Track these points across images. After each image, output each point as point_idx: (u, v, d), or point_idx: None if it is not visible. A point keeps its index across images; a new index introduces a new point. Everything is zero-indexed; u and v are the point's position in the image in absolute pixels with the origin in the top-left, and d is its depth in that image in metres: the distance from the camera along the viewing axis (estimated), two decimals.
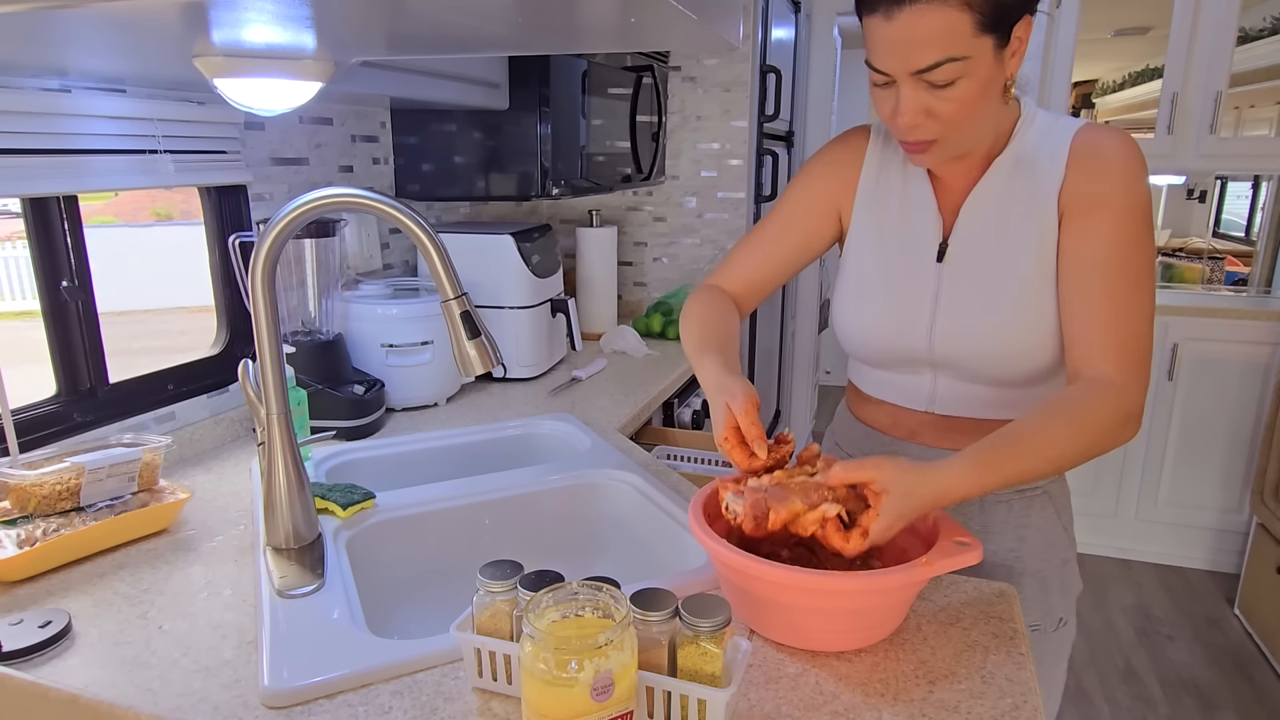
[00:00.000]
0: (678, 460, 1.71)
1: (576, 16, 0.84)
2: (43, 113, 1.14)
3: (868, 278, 1.05)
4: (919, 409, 1.06)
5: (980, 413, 1.03)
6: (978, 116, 0.88)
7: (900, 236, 1.03)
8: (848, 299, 1.07)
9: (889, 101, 0.89)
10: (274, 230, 0.92)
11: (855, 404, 1.17)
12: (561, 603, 0.67)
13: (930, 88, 0.85)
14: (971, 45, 0.82)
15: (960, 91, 0.84)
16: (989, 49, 0.83)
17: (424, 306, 1.62)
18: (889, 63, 0.85)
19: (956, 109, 0.86)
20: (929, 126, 0.88)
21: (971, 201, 0.98)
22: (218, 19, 0.75)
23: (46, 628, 0.85)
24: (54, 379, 1.27)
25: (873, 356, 1.08)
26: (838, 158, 1.09)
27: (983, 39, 0.82)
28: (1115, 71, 5.46)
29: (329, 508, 1.10)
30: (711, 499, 0.91)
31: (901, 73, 0.85)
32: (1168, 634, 2.66)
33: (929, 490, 0.79)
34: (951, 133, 0.89)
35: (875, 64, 0.87)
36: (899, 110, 0.87)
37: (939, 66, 0.83)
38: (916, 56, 0.83)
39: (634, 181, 2.32)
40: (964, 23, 0.81)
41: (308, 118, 1.67)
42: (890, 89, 0.88)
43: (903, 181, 1.04)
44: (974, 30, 0.81)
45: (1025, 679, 0.77)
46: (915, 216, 1.02)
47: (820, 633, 0.81)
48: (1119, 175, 0.91)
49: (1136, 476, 3.04)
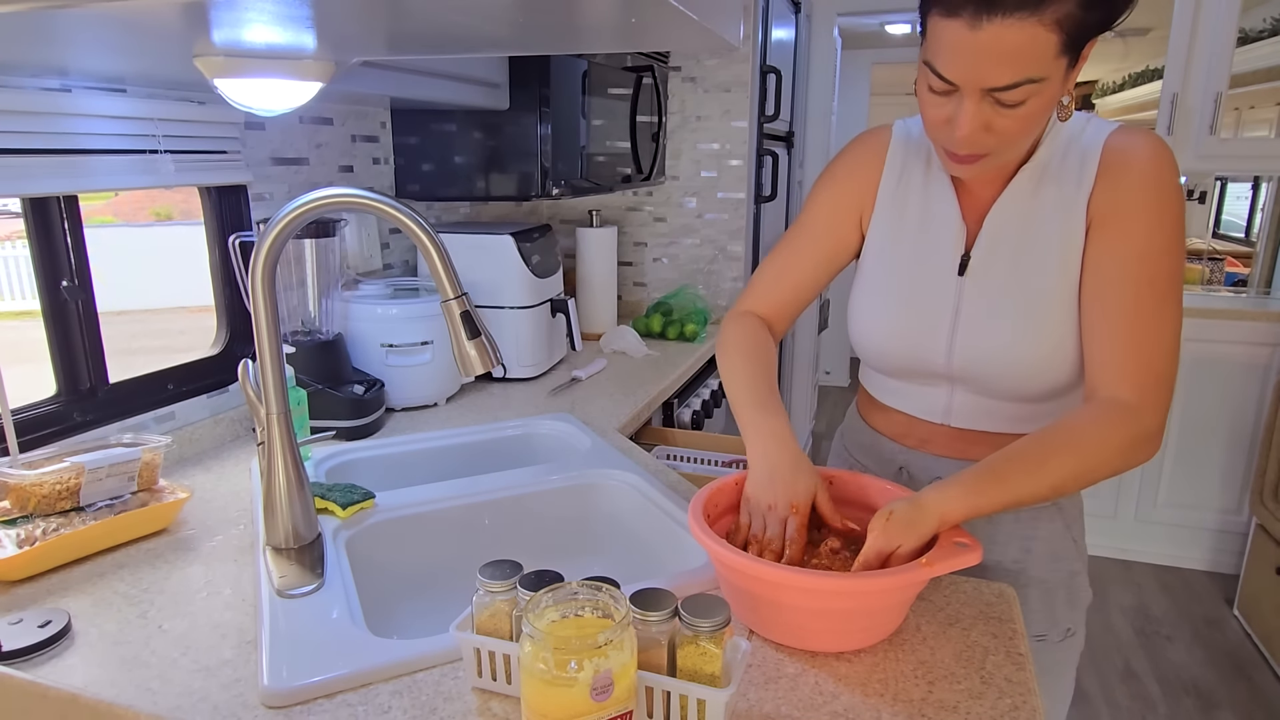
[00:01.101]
0: (677, 460, 1.71)
1: (577, 16, 0.84)
2: (43, 112, 1.14)
3: (886, 286, 1.02)
4: (934, 420, 1.04)
5: (997, 427, 1.00)
6: (1034, 133, 0.86)
7: (920, 244, 1.00)
8: (865, 306, 1.04)
9: (944, 108, 0.83)
10: (274, 230, 0.92)
11: (867, 410, 1.15)
12: (561, 602, 0.67)
13: (998, 105, 0.80)
14: (1051, 66, 0.78)
15: (1027, 110, 0.80)
16: (1063, 69, 0.79)
17: (424, 306, 1.62)
18: (962, 74, 0.79)
19: (1019, 127, 0.82)
20: (984, 142, 0.84)
21: (996, 212, 0.94)
22: (218, 19, 0.75)
23: (46, 627, 0.85)
24: (54, 379, 1.27)
25: (888, 366, 1.05)
26: (859, 160, 1.05)
27: (1061, 60, 0.78)
28: (1115, 72, 5.46)
29: (329, 507, 1.10)
30: (711, 499, 0.91)
31: (973, 86, 0.79)
32: (1167, 634, 2.66)
33: (929, 522, 0.81)
34: (1007, 150, 0.86)
35: (943, 71, 0.80)
36: (958, 123, 0.82)
37: (1016, 87, 0.78)
38: (996, 73, 0.77)
39: (634, 182, 2.32)
40: (1050, 43, 0.76)
41: (308, 118, 1.67)
42: (950, 97, 0.82)
43: (924, 186, 1.00)
44: (1057, 51, 0.77)
45: (1024, 679, 0.77)
46: (937, 224, 0.99)
47: (820, 633, 0.81)
48: (1149, 183, 0.87)
49: (1136, 477, 3.04)
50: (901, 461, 1.09)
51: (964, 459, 1.03)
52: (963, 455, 1.03)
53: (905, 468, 1.08)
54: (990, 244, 0.95)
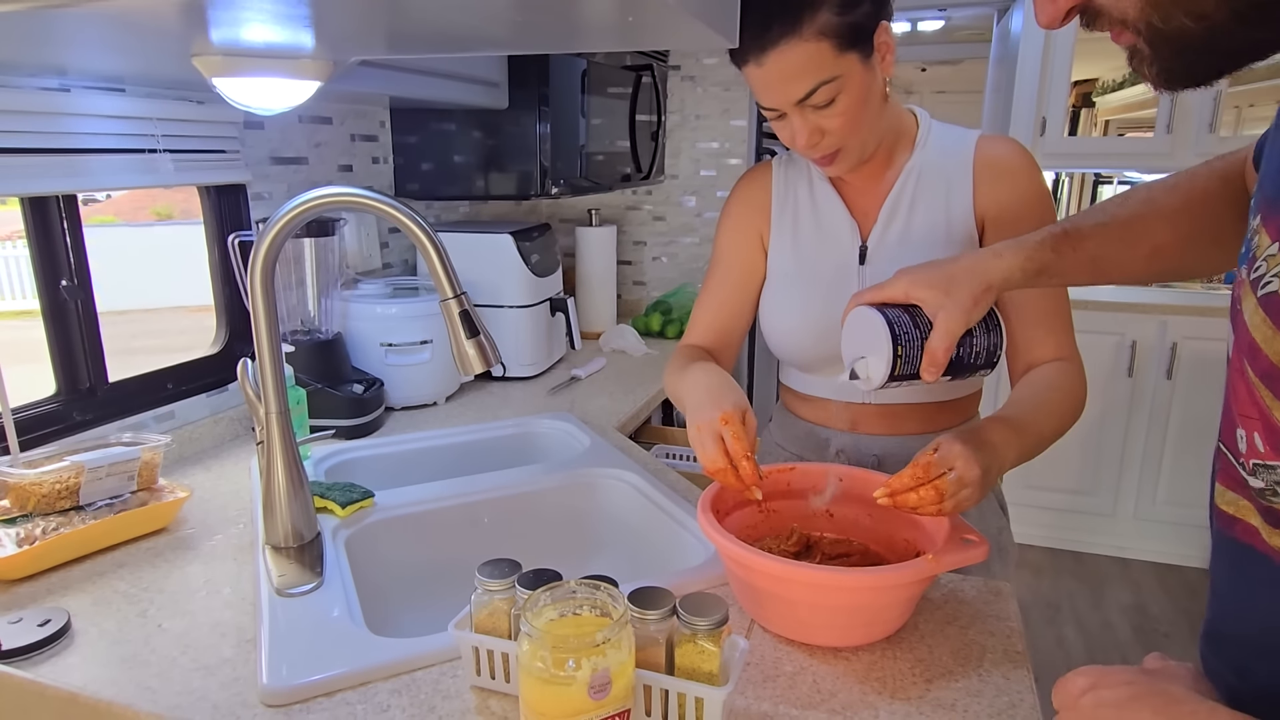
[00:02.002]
0: (676, 459, 1.71)
1: (575, 15, 0.84)
2: (42, 112, 1.14)
3: (793, 286, 1.11)
4: (858, 401, 1.12)
5: (916, 398, 1.09)
6: (868, 120, 0.97)
7: (818, 244, 1.10)
8: (777, 306, 1.12)
9: (786, 129, 0.97)
10: (273, 229, 0.92)
11: (794, 404, 1.21)
12: (559, 601, 0.67)
13: (815, 110, 0.93)
14: (838, 65, 0.90)
15: (842, 105, 0.93)
16: (856, 63, 0.91)
17: (423, 305, 1.62)
18: (772, 100, 0.94)
19: (845, 121, 0.94)
20: (826, 141, 0.97)
21: (887, 207, 1.06)
22: (216, 18, 0.75)
23: (45, 626, 0.85)
24: (54, 378, 1.27)
25: (806, 359, 1.12)
26: (748, 193, 1.16)
27: (847, 56, 0.90)
28: (1115, 71, 5.45)
29: (328, 506, 1.10)
30: (720, 495, 0.91)
31: (785, 105, 0.94)
32: (1165, 632, 2.66)
33: (996, 465, 0.84)
34: (849, 140, 0.97)
35: (761, 102, 0.96)
36: (795, 136, 0.96)
37: (814, 92, 0.91)
38: (792, 90, 0.92)
39: (633, 181, 2.32)
40: (824, 50, 0.89)
41: (307, 117, 1.67)
42: (785, 119, 0.96)
43: (811, 197, 1.11)
44: (835, 53, 0.89)
45: (1022, 677, 0.77)
46: (831, 225, 1.09)
47: (827, 628, 0.81)
48: (1031, 183, 1.02)
49: (1135, 475, 3.04)
50: (837, 445, 1.15)
51: (895, 434, 1.11)
52: (893, 431, 1.11)
53: (841, 450, 1.14)
54: (884, 235, 1.06)
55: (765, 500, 0.94)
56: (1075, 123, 4.55)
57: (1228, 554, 0.59)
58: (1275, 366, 0.50)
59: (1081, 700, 0.54)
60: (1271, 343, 0.50)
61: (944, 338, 0.78)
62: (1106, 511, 3.11)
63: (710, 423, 0.88)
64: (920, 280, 0.80)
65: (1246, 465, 0.54)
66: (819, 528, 0.97)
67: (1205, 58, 0.50)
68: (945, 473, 0.79)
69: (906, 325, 0.79)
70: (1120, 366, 2.96)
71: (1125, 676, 0.55)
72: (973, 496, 0.80)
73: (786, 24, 0.88)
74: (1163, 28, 0.48)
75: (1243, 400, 0.53)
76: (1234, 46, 0.49)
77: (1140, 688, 0.53)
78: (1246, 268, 0.54)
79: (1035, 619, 2.72)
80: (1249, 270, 0.53)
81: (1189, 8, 0.47)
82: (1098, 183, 4.01)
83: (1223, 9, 0.46)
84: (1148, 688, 0.53)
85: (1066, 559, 3.12)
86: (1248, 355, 0.52)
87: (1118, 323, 2.94)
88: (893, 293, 0.81)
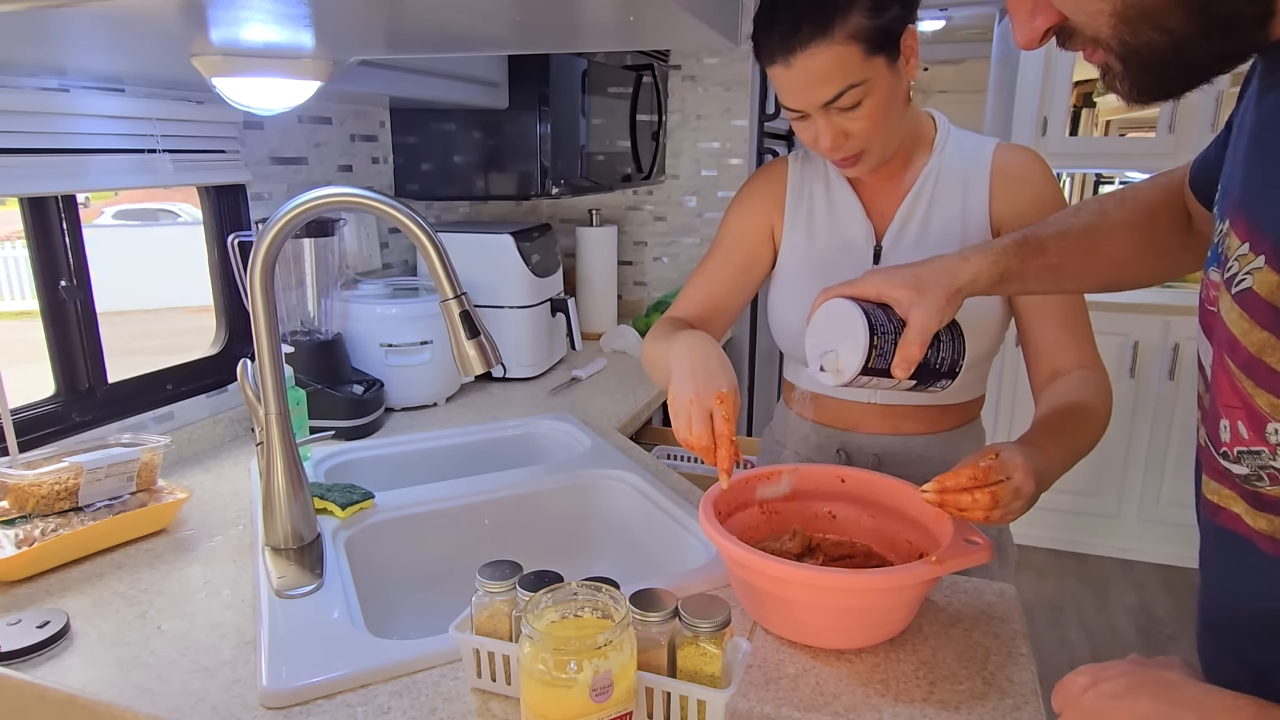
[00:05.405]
0: (677, 460, 1.71)
1: (576, 15, 0.84)
2: (41, 112, 1.13)
3: (806, 279, 1.09)
4: (861, 400, 1.11)
5: (921, 400, 1.08)
6: (891, 123, 0.97)
7: (833, 241, 1.09)
8: (783, 302, 1.12)
9: (809, 131, 0.97)
10: (273, 229, 0.92)
11: (796, 401, 1.20)
12: (561, 603, 0.67)
13: (840, 112, 0.93)
14: (866, 69, 0.90)
15: (868, 109, 0.93)
16: (883, 66, 0.91)
17: (423, 306, 1.62)
18: (798, 102, 0.94)
19: (869, 124, 0.94)
20: (850, 144, 0.96)
21: (904, 209, 1.05)
22: (216, 18, 0.74)
23: (45, 628, 0.84)
24: (53, 379, 1.27)
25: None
26: (763, 185, 1.15)
27: (874, 60, 0.90)
28: None
29: (328, 507, 1.10)
30: (722, 496, 0.90)
31: (811, 107, 0.93)
32: (1170, 634, 2.66)
33: (1045, 483, 0.83)
34: (872, 143, 0.97)
35: (786, 104, 0.96)
36: (820, 138, 0.96)
37: (842, 95, 0.91)
38: (819, 93, 0.91)
39: (634, 181, 2.32)
40: (853, 54, 0.89)
41: (306, 117, 1.66)
42: (808, 121, 0.96)
43: (827, 195, 1.11)
44: (864, 56, 0.89)
45: (1026, 680, 0.77)
46: (846, 224, 1.09)
47: (830, 630, 0.81)
48: (1048, 193, 1.02)
49: (1139, 476, 3.03)
50: (839, 444, 1.14)
51: (897, 434, 1.11)
52: (895, 431, 1.11)
53: (843, 449, 1.14)
54: (900, 235, 1.06)
55: (766, 501, 0.94)
56: (1076, 122, 4.54)
57: (1214, 541, 0.62)
58: (1254, 357, 0.52)
59: (1082, 697, 0.56)
60: (1249, 335, 0.52)
61: (919, 333, 0.78)
62: (1110, 513, 3.10)
63: (703, 397, 0.86)
64: (892, 280, 0.81)
65: (1231, 454, 0.56)
66: (821, 529, 0.97)
67: (1172, 71, 0.52)
68: (1003, 480, 0.79)
69: (881, 319, 0.80)
70: (1123, 367, 2.95)
71: (1121, 668, 0.58)
72: (1021, 510, 0.80)
73: (817, 26, 0.87)
74: (1133, 43, 0.51)
75: (1225, 392, 0.55)
76: (1199, 60, 0.52)
77: (1137, 676, 0.56)
78: (1218, 269, 0.57)
79: (1039, 621, 2.72)
80: (1221, 271, 0.56)
81: (1157, 22, 0.50)
82: (1099, 183, 4.01)
83: (1187, 23, 0.49)
84: (1144, 675, 0.56)
85: (1070, 560, 3.11)
86: (1228, 349, 0.55)
87: (1120, 323, 2.93)
88: (864, 289, 0.82)
